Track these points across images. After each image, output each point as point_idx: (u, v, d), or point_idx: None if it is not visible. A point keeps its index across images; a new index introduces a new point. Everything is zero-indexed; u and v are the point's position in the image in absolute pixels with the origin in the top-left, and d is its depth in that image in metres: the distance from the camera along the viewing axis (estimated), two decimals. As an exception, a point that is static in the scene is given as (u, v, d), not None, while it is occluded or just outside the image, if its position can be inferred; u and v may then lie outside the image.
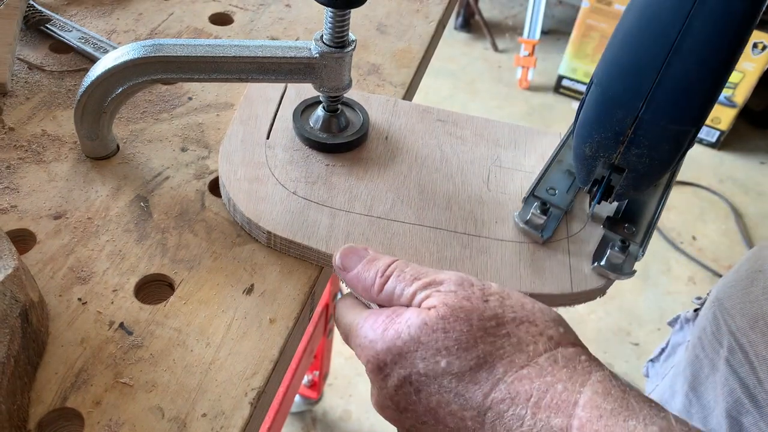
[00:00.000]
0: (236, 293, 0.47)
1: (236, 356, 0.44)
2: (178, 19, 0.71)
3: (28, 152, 0.55)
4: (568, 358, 0.37)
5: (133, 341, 0.44)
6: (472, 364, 0.37)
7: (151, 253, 0.49)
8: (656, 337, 1.92)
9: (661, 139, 0.44)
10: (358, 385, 1.75)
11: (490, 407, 0.36)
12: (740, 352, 0.67)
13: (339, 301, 0.46)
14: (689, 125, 0.43)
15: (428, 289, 0.40)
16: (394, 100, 0.61)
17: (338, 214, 0.51)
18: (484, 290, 0.39)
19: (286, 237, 0.49)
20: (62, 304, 0.45)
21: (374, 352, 0.39)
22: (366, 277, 0.43)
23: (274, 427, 1.14)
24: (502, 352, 0.37)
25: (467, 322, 0.38)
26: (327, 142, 0.55)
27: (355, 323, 0.42)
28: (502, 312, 0.38)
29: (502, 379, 0.36)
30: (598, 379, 0.36)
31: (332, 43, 0.49)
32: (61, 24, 0.66)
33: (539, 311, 0.39)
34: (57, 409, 0.40)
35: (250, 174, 0.52)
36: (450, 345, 0.37)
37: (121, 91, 0.48)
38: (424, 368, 0.38)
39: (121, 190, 0.53)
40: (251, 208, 0.50)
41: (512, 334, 0.38)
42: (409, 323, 0.38)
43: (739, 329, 0.69)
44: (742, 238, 2.22)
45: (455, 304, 0.38)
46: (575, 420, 0.34)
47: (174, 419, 0.41)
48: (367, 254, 0.44)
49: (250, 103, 0.58)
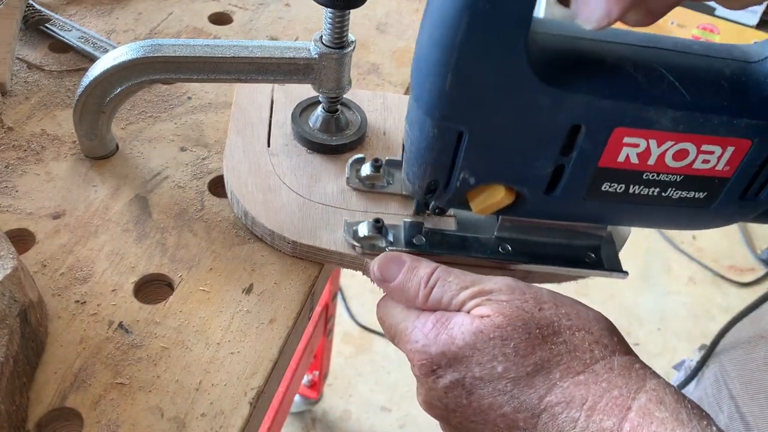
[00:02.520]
0: (236, 293, 0.47)
1: (236, 356, 0.44)
2: (178, 19, 0.71)
3: (27, 152, 0.55)
4: (623, 366, 0.38)
5: (133, 341, 0.44)
6: (529, 369, 0.38)
7: (150, 253, 0.49)
8: (656, 337, 1.92)
9: (413, 124, 0.41)
10: (358, 385, 1.75)
11: (545, 409, 0.37)
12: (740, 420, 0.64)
13: (381, 301, 0.46)
14: (424, 112, 0.39)
15: (478, 298, 0.40)
16: (382, 95, 0.61)
17: (356, 215, 0.50)
18: (536, 298, 0.40)
19: (312, 245, 0.48)
20: (61, 304, 0.45)
21: (428, 355, 0.40)
22: (409, 287, 0.43)
23: (274, 427, 1.14)
24: (559, 359, 0.38)
25: (525, 331, 0.38)
26: (330, 143, 0.55)
27: (404, 327, 0.42)
28: (558, 320, 0.39)
29: (558, 384, 0.37)
30: (653, 387, 0.37)
31: (331, 43, 0.49)
32: (61, 23, 0.66)
33: (594, 319, 0.40)
34: (56, 409, 0.40)
35: (262, 184, 0.52)
36: (508, 352, 0.38)
37: (120, 91, 0.48)
38: (479, 372, 0.39)
39: (120, 190, 0.53)
40: (271, 219, 0.49)
41: (569, 342, 0.39)
42: (463, 329, 0.39)
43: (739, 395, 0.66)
44: (742, 237, 2.22)
45: (511, 314, 0.39)
46: (627, 423, 0.35)
47: (173, 419, 0.41)
48: (406, 262, 0.44)
49: (242, 111, 0.57)
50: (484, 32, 0.34)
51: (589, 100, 0.38)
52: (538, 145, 0.40)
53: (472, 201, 0.44)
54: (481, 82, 0.37)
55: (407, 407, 1.73)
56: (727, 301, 2.05)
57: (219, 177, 0.55)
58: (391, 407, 1.73)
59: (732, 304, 2.05)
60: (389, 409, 1.72)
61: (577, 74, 0.38)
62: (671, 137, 0.40)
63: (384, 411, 1.72)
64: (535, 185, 0.42)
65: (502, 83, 0.37)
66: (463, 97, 0.37)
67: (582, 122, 0.39)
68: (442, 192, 0.43)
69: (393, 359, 1.82)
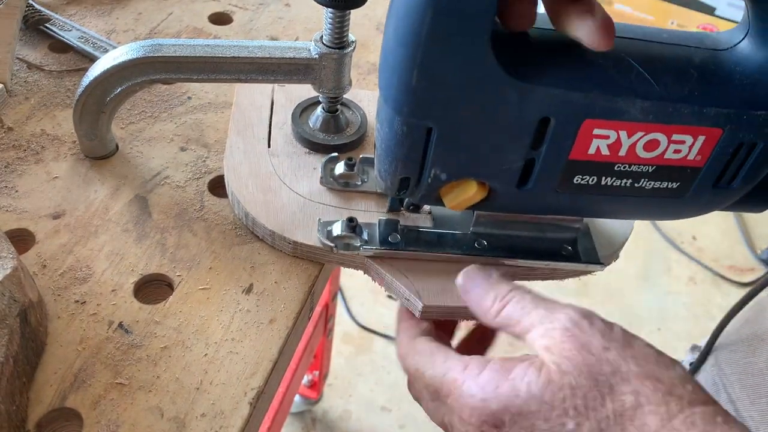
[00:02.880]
0: (235, 293, 0.47)
1: (235, 356, 0.44)
2: (178, 19, 0.71)
3: (27, 152, 0.55)
4: (705, 420, 0.35)
5: (132, 341, 0.44)
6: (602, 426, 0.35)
7: (150, 253, 0.49)
8: (656, 337, 1.92)
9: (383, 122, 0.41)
10: (358, 385, 1.75)
11: None
12: None
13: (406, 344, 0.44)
14: (392, 109, 0.39)
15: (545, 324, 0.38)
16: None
17: (358, 215, 0.50)
18: (604, 334, 0.37)
19: (313, 244, 0.49)
20: (61, 304, 0.45)
21: (489, 411, 0.37)
22: (485, 300, 0.42)
23: (274, 427, 1.14)
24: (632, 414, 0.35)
25: (592, 377, 0.36)
26: (330, 143, 0.55)
27: (451, 378, 0.39)
28: (626, 366, 0.36)
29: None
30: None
31: (332, 43, 0.49)
32: (61, 23, 0.66)
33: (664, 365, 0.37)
34: (56, 409, 0.40)
35: (262, 185, 0.52)
36: (578, 404, 0.35)
37: (120, 90, 0.48)
38: (548, 429, 0.36)
39: (120, 190, 0.53)
40: (272, 220, 0.49)
41: (640, 393, 0.35)
42: (528, 380, 0.36)
43: (739, 399, 0.63)
44: (742, 238, 2.22)
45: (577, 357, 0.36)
46: None
47: (173, 419, 0.41)
48: (491, 276, 0.43)
49: (242, 112, 0.57)
50: (449, 27, 0.34)
51: (557, 93, 0.37)
52: (507, 139, 0.40)
53: (445, 197, 0.44)
54: (447, 78, 0.36)
55: (407, 407, 1.73)
56: (728, 301, 2.05)
57: (219, 177, 0.55)
58: (391, 407, 1.73)
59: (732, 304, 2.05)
60: (389, 409, 1.72)
61: (545, 67, 0.38)
62: (641, 128, 0.39)
63: (384, 411, 1.72)
64: (507, 179, 0.42)
65: (468, 78, 0.36)
66: (430, 94, 0.37)
67: (551, 115, 0.38)
68: (415, 188, 0.43)
69: (393, 359, 1.82)
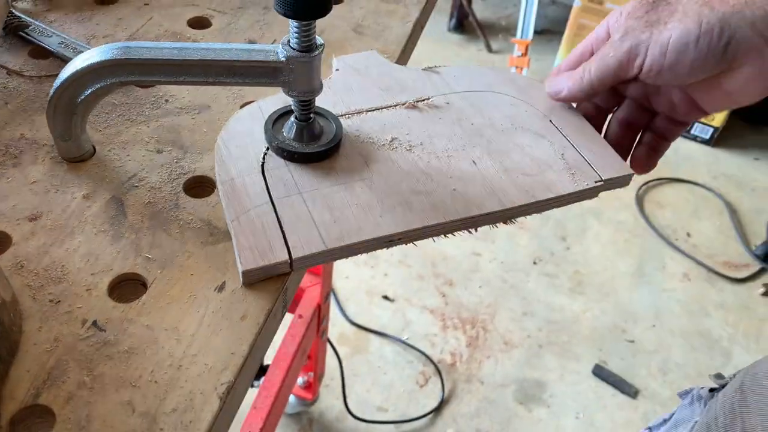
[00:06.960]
0: (208, 291, 0.48)
1: (207, 352, 0.45)
2: (157, 24, 0.72)
3: (6, 156, 0.56)
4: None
5: (106, 338, 0.45)
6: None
7: (125, 253, 0.50)
8: (651, 335, 1.93)
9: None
10: (354, 385, 1.76)
11: None
12: None
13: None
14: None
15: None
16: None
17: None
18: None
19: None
20: (36, 304, 0.46)
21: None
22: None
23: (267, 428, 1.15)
24: None
25: None
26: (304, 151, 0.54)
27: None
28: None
29: None
30: None
31: (299, 47, 0.49)
32: (41, 29, 0.67)
33: None
34: (29, 407, 0.41)
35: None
36: None
37: (91, 92, 0.49)
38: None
39: (97, 192, 0.54)
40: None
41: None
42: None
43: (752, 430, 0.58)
44: (736, 234, 2.22)
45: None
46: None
47: (144, 414, 0.41)
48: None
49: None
50: None
51: None
52: None
53: None
54: None
55: (403, 407, 1.73)
56: (722, 297, 2.06)
57: (194, 178, 0.56)
58: (387, 407, 1.73)
59: (727, 300, 2.05)
60: (386, 409, 1.73)
61: None
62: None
63: (380, 411, 1.72)
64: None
65: None
66: None
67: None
68: None
69: (389, 359, 1.83)
